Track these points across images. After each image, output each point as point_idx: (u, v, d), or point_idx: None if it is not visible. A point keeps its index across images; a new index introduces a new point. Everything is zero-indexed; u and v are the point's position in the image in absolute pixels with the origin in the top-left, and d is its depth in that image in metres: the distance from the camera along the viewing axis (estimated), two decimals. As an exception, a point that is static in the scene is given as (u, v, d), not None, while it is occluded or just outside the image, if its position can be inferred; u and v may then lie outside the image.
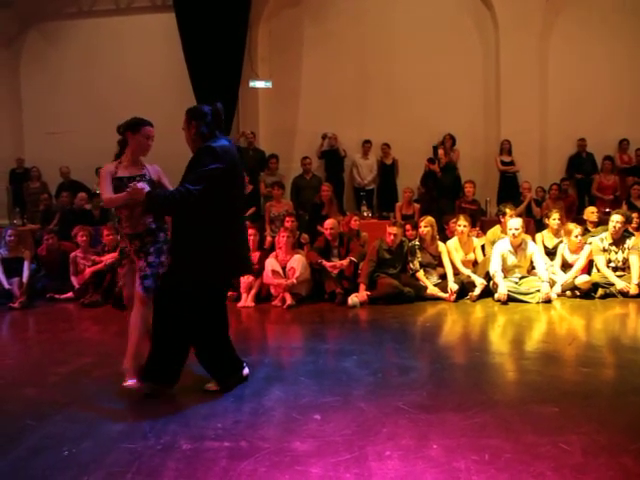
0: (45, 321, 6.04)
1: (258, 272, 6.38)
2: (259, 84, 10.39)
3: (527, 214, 8.75)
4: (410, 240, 6.61)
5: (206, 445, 2.73)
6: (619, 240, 6.35)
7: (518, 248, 6.27)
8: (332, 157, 10.02)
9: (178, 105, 10.82)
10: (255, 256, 6.66)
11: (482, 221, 8.30)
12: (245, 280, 6.32)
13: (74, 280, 6.93)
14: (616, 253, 6.35)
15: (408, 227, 6.90)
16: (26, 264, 6.89)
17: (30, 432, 2.96)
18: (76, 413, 3.22)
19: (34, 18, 11.29)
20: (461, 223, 6.58)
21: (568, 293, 6.27)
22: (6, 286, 6.65)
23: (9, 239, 6.95)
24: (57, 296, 6.85)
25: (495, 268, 6.16)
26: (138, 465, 2.55)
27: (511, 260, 6.25)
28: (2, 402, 3.45)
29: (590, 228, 7.22)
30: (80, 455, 2.67)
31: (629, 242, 6.35)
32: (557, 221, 6.65)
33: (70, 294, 6.82)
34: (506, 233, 6.57)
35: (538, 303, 5.96)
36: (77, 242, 7.10)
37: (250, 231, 6.81)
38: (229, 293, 6.48)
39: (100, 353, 4.53)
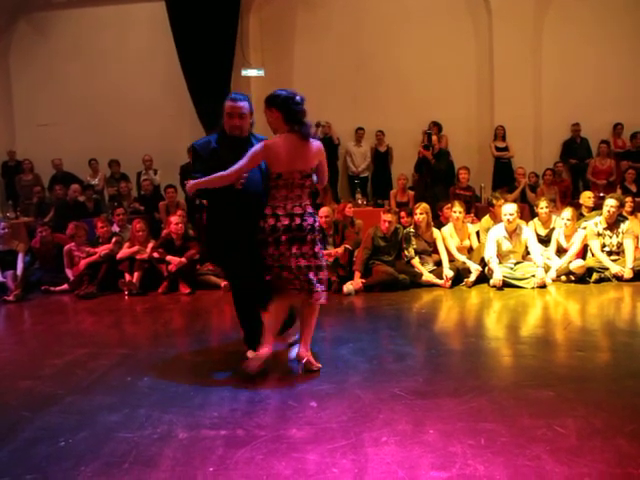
0: (40, 313, 6.02)
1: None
2: (251, 72, 10.32)
3: (522, 200, 8.76)
4: (405, 227, 6.61)
5: (202, 434, 2.73)
6: (613, 224, 6.36)
7: (513, 234, 6.27)
8: (326, 145, 9.87)
9: (170, 95, 10.86)
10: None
11: (477, 207, 8.31)
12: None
13: (69, 272, 6.91)
14: (610, 237, 6.36)
15: (403, 214, 6.89)
16: (20, 257, 6.85)
17: (26, 423, 2.95)
18: (72, 404, 3.21)
19: (23, 9, 11.16)
20: (456, 209, 6.58)
21: (563, 278, 6.29)
22: (0, 279, 6.62)
23: (2, 232, 6.90)
24: (52, 288, 6.82)
25: (490, 254, 6.16)
26: (135, 454, 2.55)
27: (506, 246, 6.26)
28: (-2, 394, 3.45)
29: (585, 213, 7.24)
30: (77, 445, 2.67)
31: (623, 226, 6.36)
32: (545, 209, 6.64)
33: (65, 286, 6.79)
34: (496, 222, 6.57)
35: (533, 288, 5.97)
36: (72, 236, 7.06)
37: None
38: (224, 283, 6.50)
39: (96, 344, 4.52)
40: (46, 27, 11.14)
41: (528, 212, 7.94)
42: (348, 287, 6.02)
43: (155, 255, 6.63)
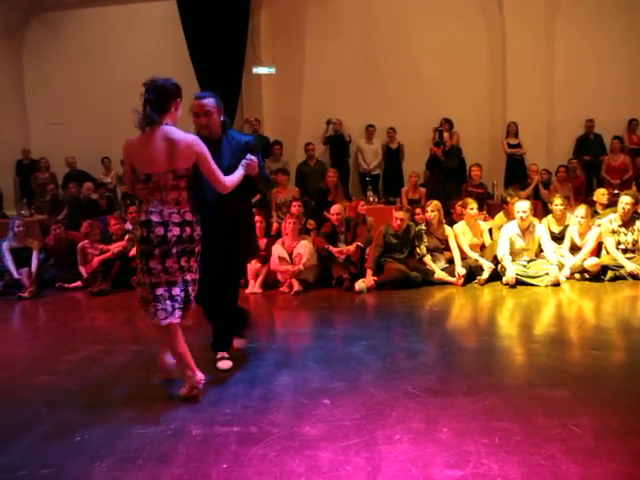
0: (54, 310, 6.08)
1: (265, 259, 6.38)
2: (262, 70, 10.32)
3: (535, 197, 8.68)
4: (418, 224, 6.59)
5: (216, 430, 2.74)
6: (629, 221, 6.29)
7: (526, 231, 6.23)
8: (337, 143, 9.98)
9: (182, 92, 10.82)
10: (262, 243, 6.66)
11: (489, 204, 8.25)
12: (252, 267, 6.32)
13: (82, 269, 6.96)
14: (626, 235, 6.29)
15: (418, 211, 6.84)
16: (35, 254, 6.92)
17: (42, 419, 2.99)
18: (87, 400, 3.24)
19: (36, 8, 11.25)
20: (472, 206, 6.53)
21: (577, 276, 6.23)
22: (15, 276, 6.69)
23: (17, 230, 6.98)
24: (66, 285, 6.88)
25: (503, 251, 6.12)
26: (149, 450, 2.57)
27: (519, 243, 6.22)
28: (14, 389, 3.49)
29: (599, 210, 7.16)
30: (92, 441, 2.69)
31: (639, 223, 6.29)
32: (560, 206, 6.58)
33: (79, 283, 6.85)
34: (510, 219, 6.53)
35: (547, 286, 5.92)
36: (87, 234, 7.10)
37: (257, 218, 6.80)
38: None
39: (109, 341, 4.56)
40: (58, 26, 11.22)
41: (541, 209, 7.87)
42: (360, 285, 6.01)
43: (168, 252, 6.65)
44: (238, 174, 3.27)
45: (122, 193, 9.90)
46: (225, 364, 3.65)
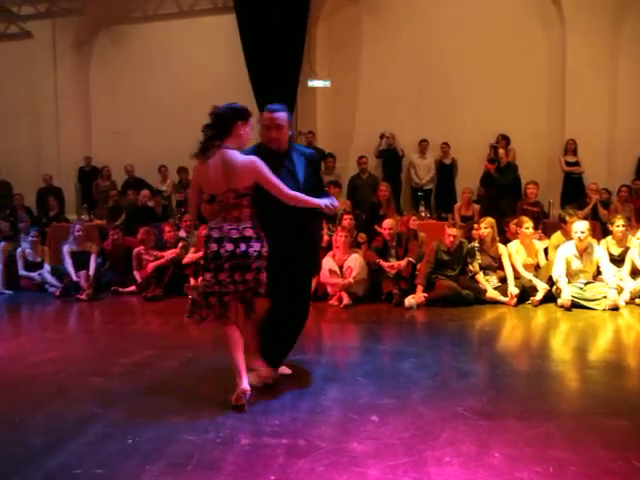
0: (110, 313, 6.28)
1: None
2: (317, 83, 10.43)
3: (593, 217, 8.40)
4: (472, 241, 6.48)
5: (264, 441, 2.76)
6: (695, 246, 6.00)
7: (584, 252, 6.03)
8: (390, 157, 9.95)
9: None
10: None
11: (544, 223, 8.03)
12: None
13: (137, 274, 7.17)
14: (691, 260, 6.00)
15: (477, 227, 6.71)
16: (93, 258, 7.19)
17: (97, 419, 3.08)
18: (140, 403, 3.32)
19: (103, 23, 11.77)
20: (528, 225, 6.38)
21: (637, 301, 5.98)
22: (74, 278, 6.97)
23: (77, 234, 7.26)
24: (121, 289, 7.10)
25: (559, 272, 5.94)
26: (198, 457, 2.61)
27: (576, 264, 6.02)
28: (70, 390, 3.61)
29: (662, 233, 6.86)
30: (143, 444, 2.75)
31: None
32: (621, 228, 6.34)
33: (133, 288, 7.06)
34: (568, 239, 6.33)
35: (604, 310, 5.70)
36: (143, 240, 7.31)
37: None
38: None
39: (162, 346, 4.67)
40: (124, 39, 11.70)
41: (600, 230, 7.60)
42: (410, 300, 5.95)
43: (219, 261, 6.78)
44: (313, 202, 3.30)
45: (177, 201, 10.16)
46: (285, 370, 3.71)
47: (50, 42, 11.54)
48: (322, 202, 3.32)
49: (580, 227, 6.01)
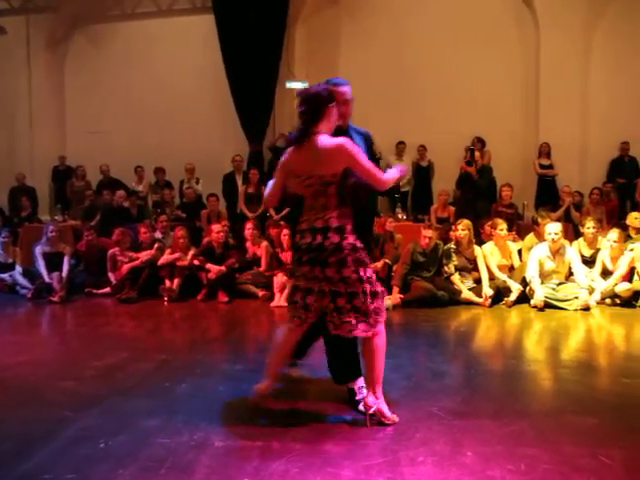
0: (83, 315, 6.19)
1: (292, 272, 6.39)
2: (295, 85, 10.41)
3: (566, 219, 8.55)
4: (448, 243, 6.54)
5: (238, 444, 2.74)
6: (663, 247, 6.14)
7: (556, 253, 6.13)
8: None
9: (215, 105, 11.06)
10: (289, 256, 6.69)
11: (519, 225, 8.15)
12: (279, 280, 6.35)
13: (111, 276, 7.07)
14: (660, 261, 6.14)
15: (454, 228, 6.72)
16: (66, 259, 7.07)
17: (68, 423, 3.03)
18: (112, 406, 3.28)
19: (79, 21, 11.60)
20: (502, 227, 6.47)
21: (608, 301, 6.10)
22: (47, 280, 6.84)
23: (51, 235, 7.14)
24: (95, 291, 7.00)
25: (532, 273, 6.04)
26: (172, 460, 2.58)
27: (549, 265, 6.12)
28: (42, 393, 3.54)
29: (633, 234, 7.01)
30: (116, 448, 2.72)
31: (674, 250, 6.14)
32: (592, 230, 6.46)
33: (107, 289, 6.96)
34: (540, 240, 6.44)
35: (576, 310, 5.81)
36: (118, 242, 7.22)
37: (285, 231, 6.86)
38: (262, 293, 6.55)
39: (136, 348, 4.61)
40: (100, 39, 11.54)
41: (572, 232, 7.74)
42: (386, 302, 5.94)
43: (195, 262, 6.75)
44: (396, 177, 3.09)
45: (153, 202, 10.06)
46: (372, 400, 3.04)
47: (24, 39, 11.33)
48: (396, 173, 3.09)
49: (553, 229, 6.12)
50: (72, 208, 9.98)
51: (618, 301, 6.07)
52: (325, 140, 2.92)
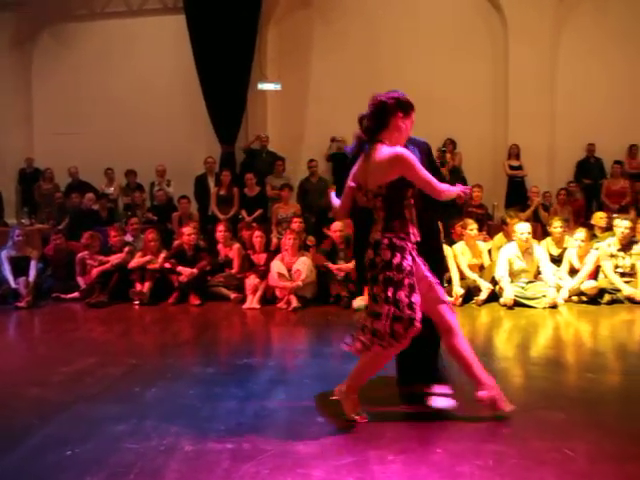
0: (51, 321, 6.07)
1: (264, 274, 6.39)
2: (268, 86, 10.40)
3: (535, 219, 8.70)
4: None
5: (209, 447, 2.72)
6: (626, 246, 6.30)
7: (525, 253, 6.24)
8: (340, 160, 10.02)
9: (187, 107, 10.96)
10: (261, 258, 6.68)
11: (489, 225, 8.27)
12: (251, 282, 6.32)
13: (80, 280, 6.94)
14: (624, 259, 6.30)
15: None
16: (33, 263, 6.91)
17: (35, 430, 2.97)
18: (80, 413, 3.22)
19: (46, 19, 11.37)
20: (472, 227, 6.55)
21: (575, 298, 6.23)
22: (13, 285, 6.67)
23: (17, 239, 6.98)
24: (63, 296, 6.86)
25: (501, 273, 6.13)
26: (141, 466, 2.55)
27: (518, 265, 6.22)
28: (8, 400, 3.47)
29: (598, 233, 7.18)
30: (83, 455, 2.67)
31: (637, 248, 6.30)
32: (559, 229, 6.60)
33: (76, 294, 6.83)
34: (509, 240, 6.54)
35: (544, 308, 5.91)
36: (87, 245, 7.10)
37: (257, 232, 6.83)
38: (234, 295, 6.51)
39: (105, 353, 4.54)
40: (67, 38, 11.33)
41: (541, 231, 7.89)
42: (358, 302, 5.99)
43: (166, 265, 6.67)
44: (455, 191, 2.93)
45: (124, 204, 9.93)
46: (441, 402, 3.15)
47: (-12, 38, 11.10)
48: (458, 190, 2.94)
49: (523, 228, 6.22)
50: (40, 211, 9.78)
51: (584, 298, 6.20)
52: (382, 150, 2.85)
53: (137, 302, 6.49)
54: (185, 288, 6.51)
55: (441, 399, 3.16)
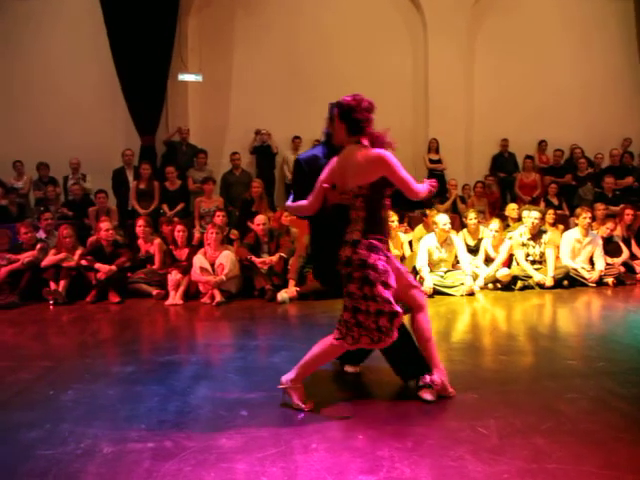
0: (-45, 324, 5.66)
1: (186, 269, 6.26)
2: (189, 77, 10.17)
3: (453, 210, 9.05)
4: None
5: (129, 447, 2.64)
6: (536, 235, 6.68)
7: (444, 243, 6.48)
8: (264, 153, 9.98)
9: (103, 97, 10.49)
10: (183, 253, 6.55)
11: (409, 217, 8.51)
12: (173, 277, 6.19)
13: (-13, 281, 6.53)
14: (534, 247, 6.68)
15: None
16: None
17: None
18: (-13, 420, 3.03)
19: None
20: (393, 218, 6.71)
21: (490, 286, 6.55)
22: None
23: None
24: (-31, 298, 6.42)
25: (421, 262, 6.33)
26: (56, 472, 2.43)
27: (437, 255, 6.45)
28: None
29: (511, 224, 7.57)
30: (-8, 464, 2.52)
31: (545, 237, 6.70)
32: (474, 220, 6.90)
33: (-17, 295, 6.42)
34: (429, 231, 6.77)
35: (462, 296, 6.18)
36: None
37: (178, 227, 6.69)
38: (156, 292, 6.34)
39: (16, 357, 4.30)
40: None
41: (458, 222, 8.21)
42: (282, 295, 6.01)
43: (83, 262, 6.40)
44: (426, 188, 3.02)
45: (36, 199, 9.40)
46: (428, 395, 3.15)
47: None
48: (427, 186, 3.04)
49: (444, 219, 6.45)
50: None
51: (499, 285, 6.53)
52: (361, 150, 2.92)
53: (52, 302, 6.19)
54: (104, 286, 6.28)
55: (429, 392, 3.17)
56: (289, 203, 3.37)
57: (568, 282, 6.57)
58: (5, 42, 10.32)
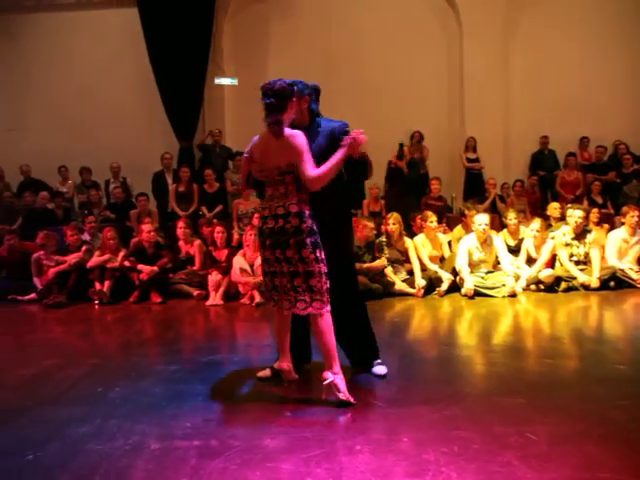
0: (6, 323, 5.87)
1: (226, 270, 6.34)
2: (225, 81, 10.30)
3: (492, 210, 8.91)
4: (379, 236, 6.67)
5: (175, 444, 2.69)
6: (580, 235, 6.52)
7: (484, 243, 6.38)
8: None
9: (142, 102, 10.74)
10: (223, 254, 6.63)
11: (448, 217, 8.42)
12: (213, 278, 6.27)
13: (37, 281, 6.76)
14: (578, 247, 6.52)
15: (385, 222, 6.79)
16: (-15, 265, 6.69)
17: (-8, 436, 2.87)
18: (40, 416, 3.13)
19: (-8, 11, 10.96)
20: (432, 219, 6.66)
21: (532, 287, 6.41)
22: (-35, 288, 6.45)
23: (-33, 240, 6.74)
24: (19, 297, 6.67)
25: (462, 263, 6.25)
26: (106, 467, 2.50)
27: (477, 255, 6.36)
28: (-38, 407, 3.34)
29: (553, 223, 7.40)
30: (45, 459, 2.60)
31: (590, 237, 6.53)
32: (514, 220, 6.78)
33: (33, 295, 6.65)
34: (468, 231, 6.68)
35: (504, 297, 6.07)
36: (42, 245, 6.90)
37: (218, 228, 6.78)
38: (196, 292, 6.44)
39: (65, 354, 4.43)
40: (16, 30, 10.94)
41: (498, 222, 8.08)
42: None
43: (126, 264, 6.55)
44: (336, 159, 3.12)
45: (80, 203, 9.67)
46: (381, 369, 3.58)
47: None
48: (344, 149, 3.14)
49: (483, 219, 6.36)
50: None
51: (542, 287, 6.39)
52: (287, 131, 3.15)
53: (97, 302, 6.36)
54: (146, 286, 6.41)
55: (381, 367, 3.59)
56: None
57: (615, 283, 6.38)
58: (48, 52, 10.67)
